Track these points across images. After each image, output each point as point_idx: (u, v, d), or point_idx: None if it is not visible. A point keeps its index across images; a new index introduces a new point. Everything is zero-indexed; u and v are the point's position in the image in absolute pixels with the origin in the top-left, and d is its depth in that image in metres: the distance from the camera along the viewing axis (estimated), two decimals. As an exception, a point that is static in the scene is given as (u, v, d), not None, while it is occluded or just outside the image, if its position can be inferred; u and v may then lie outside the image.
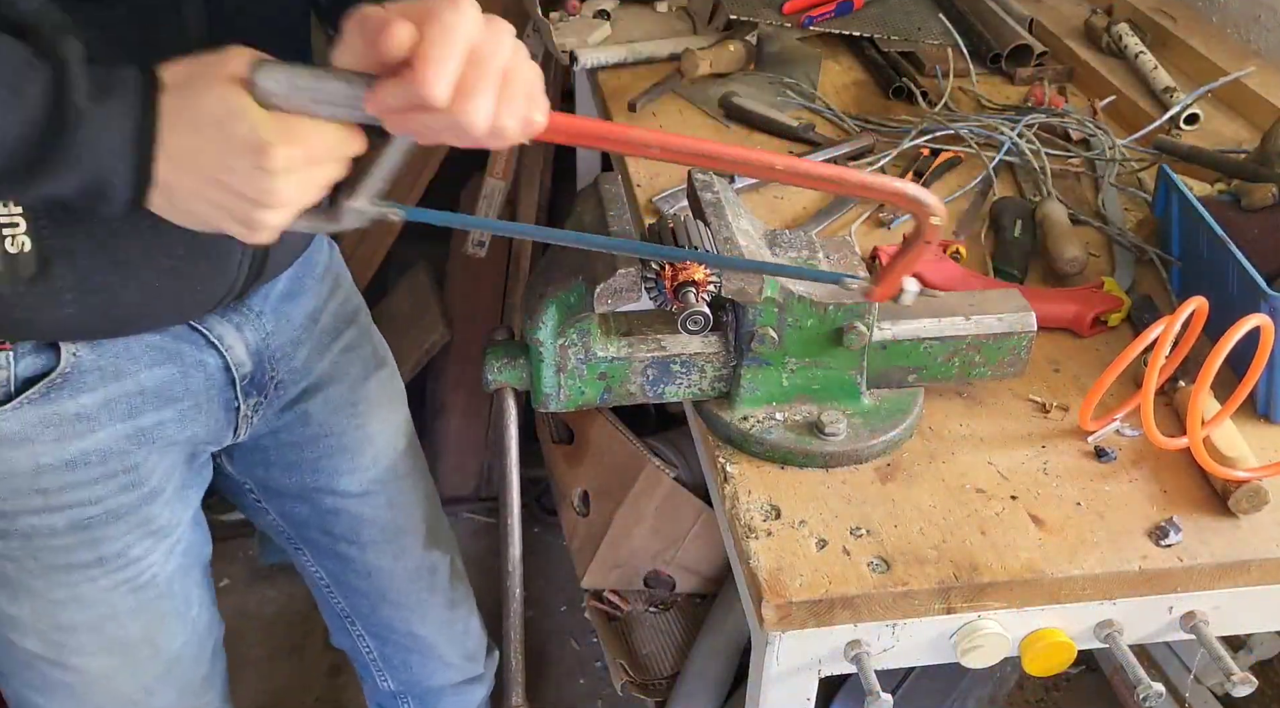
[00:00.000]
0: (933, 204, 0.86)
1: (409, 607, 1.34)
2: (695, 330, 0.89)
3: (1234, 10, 1.74)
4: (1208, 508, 0.95)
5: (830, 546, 0.90)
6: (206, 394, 1.04)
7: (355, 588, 1.32)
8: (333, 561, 1.30)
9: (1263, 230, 1.13)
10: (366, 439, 1.22)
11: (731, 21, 1.73)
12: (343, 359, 1.19)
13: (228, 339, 1.03)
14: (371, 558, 1.28)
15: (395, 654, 1.39)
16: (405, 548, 1.30)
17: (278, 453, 1.20)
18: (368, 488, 1.24)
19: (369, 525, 1.26)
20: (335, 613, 1.38)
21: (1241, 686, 0.90)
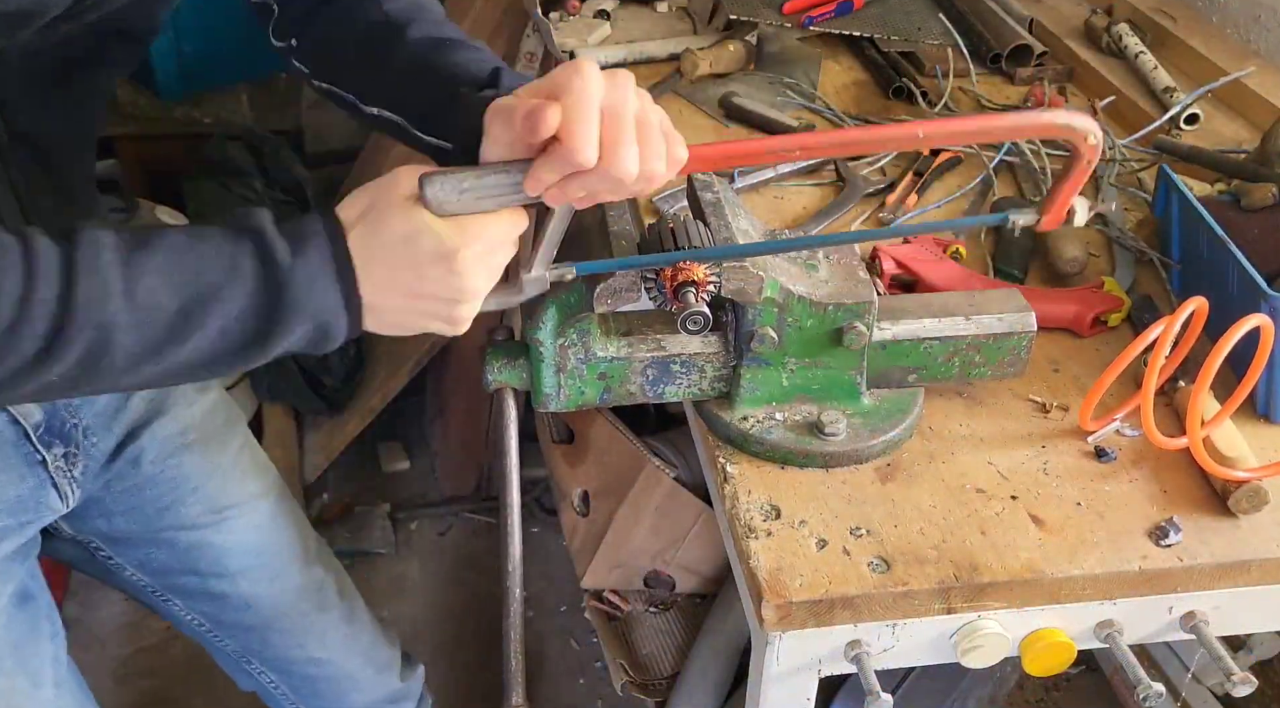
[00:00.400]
0: (1083, 125, 0.87)
1: (301, 630, 1.29)
2: (695, 330, 0.89)
3: (1234, 10, 1.74)
4: (1208, 508, 0.95)
5: (830, 546, 0.90)
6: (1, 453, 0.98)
7: (240, 624, 1.26)
8: (207, 602, 1.24)
9: (1263, 230, 1.13)
10: (209, 467, 1.17)
11: (731, 21, 1.73)
12: (160, 392, 1.12)
13: None
14: (246, 588, 1.23)
15: (303, 684, 1.34)
16: (280, 569, 1.25)
17: (115, 501, 1.14)
18: (221, 514, 1.19)
19: (234, 553, 1.21)
20: (229, 657, 1.32)
21: (1241, 686, 0.90)
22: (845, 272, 0.99)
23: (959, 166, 1.45)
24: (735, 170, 1.39)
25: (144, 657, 2.08)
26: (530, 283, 0.86)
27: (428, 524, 2.40)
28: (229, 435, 1.22)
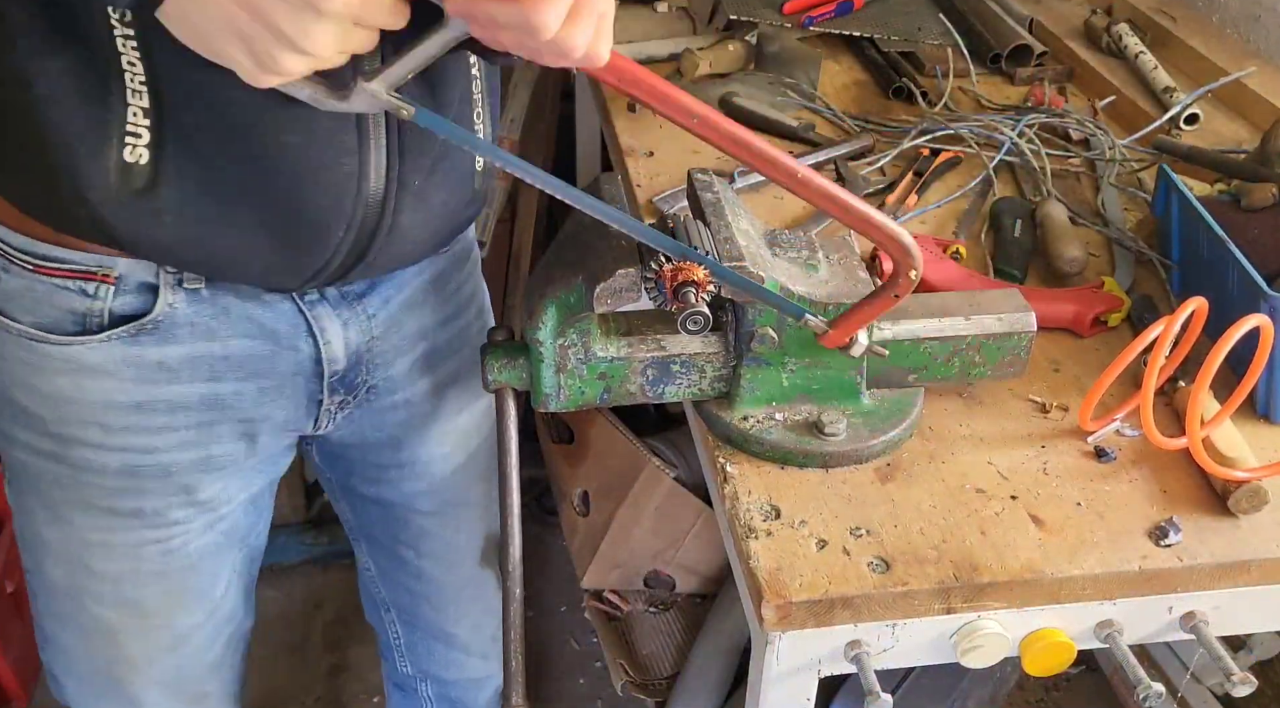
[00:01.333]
0: (917, 259, 0.87)
1: (448, 611, 1.35)
2: (695, 330, 0.89)
3: (1234, 10, 1.74)
4: (1208, 508, 0.95)
5: (830, 546, 0.90)
6: (292, 380, 1.02)
7: (401, 585, 1.33)
8: (387, 559, 1.31)
9: (1263, 230, 1.13)
10: (450, 469, 1.22)
11: (731, 21, 1.73)
12: (443, 389, 1.16)
13: (329, 333, 1.01)
14: (427, 565, 1.29)
15: (420, 643, 1.40)
16: (458, 562, 1.31)
17: (362, 466, 1.20)
18: (440, 509, 1.24)
19: (433, 539, 1.27)
20: (373, 598, 1.39)
21: (1241, 686, 0.90)
22: (845, 272, 0.99)
23: (959, 166, 1.45)
24: (736, 170, 1.39)
25: (144, 657, 2.08)
26: (361, 94, 0.75)
27: (428, 524, 2.39)
28: (478, 443, 1.25)
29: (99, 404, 0.95)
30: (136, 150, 0.81)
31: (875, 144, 1.49)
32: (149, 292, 0.92)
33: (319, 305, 0.99)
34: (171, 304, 0.92)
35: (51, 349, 0.92)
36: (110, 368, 0.93)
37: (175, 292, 0.92)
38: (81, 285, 0.90)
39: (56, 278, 0.90)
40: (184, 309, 0.93)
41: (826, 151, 1.46)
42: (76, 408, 0.95)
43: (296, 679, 2.06)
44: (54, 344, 0.92)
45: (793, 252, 1.00)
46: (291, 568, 2.26)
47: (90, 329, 0.92)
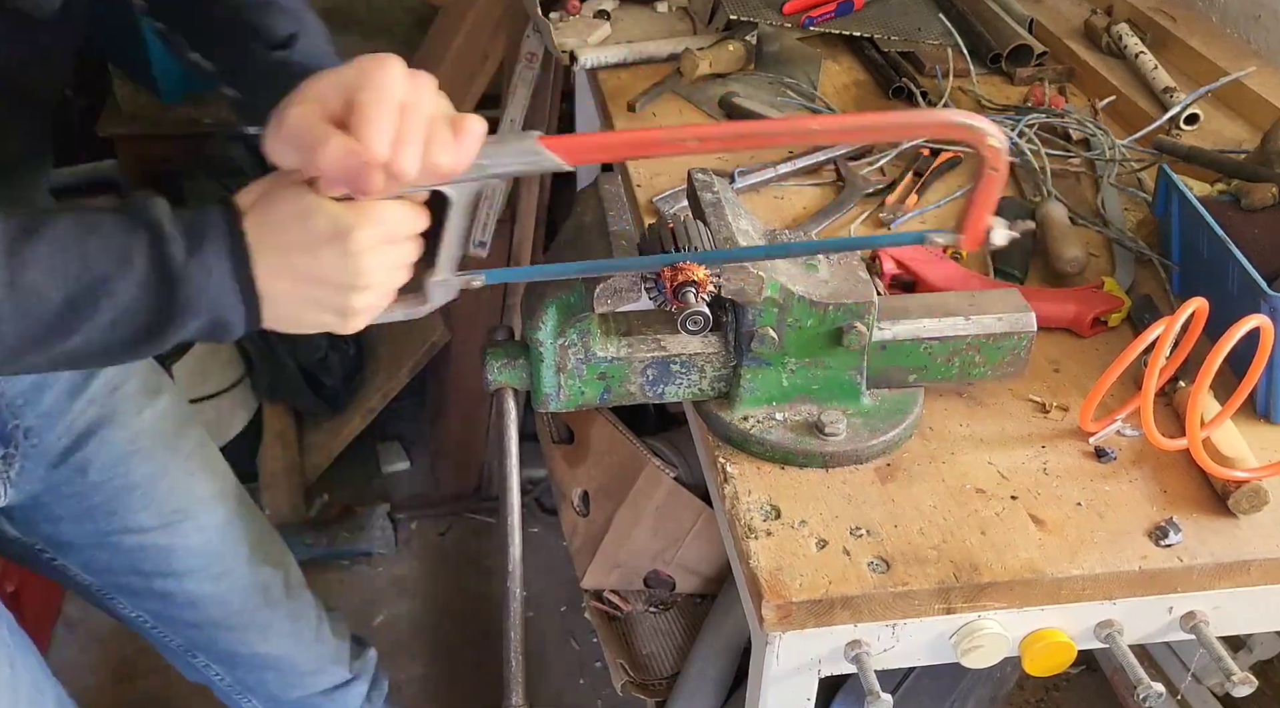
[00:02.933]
0: (984, 126, 0.84)
1: (246, 627, 1.29)
2: (695, 330, 0.89)
3: (1234, 10, 1.74)
4: (1208, 508, 0.95)
5: (830, 546, 0.90)
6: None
7: (184, 620, 1.27)
8: (152, 600, 1.24)
9: (1263, 230, 1.13)
10: (157, 473, 1.17)
11: (731, 21, 1.73)
12: (109, 399, 1.12)
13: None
14: (192, 587, 1.23)
15: (248, 677, 1.35)
16: (227, 569, 1.25)
17: (63, 507, 1.13)
18: (168, 519, 1.19)
19: (180, 554, 1.21)
20: (174, 651, 1.33)
21: (1241, 686, 0.90)
22: (845, 271, 0.99)
23: (959, 166, 1.45)
24: (736, 170, 1.39)
25: (144, 657, 2.08)
26: (436, 287, 0.84)
27: (427, 524, 2.40)
28: (180, 441, 1.20)
29: None
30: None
31: (875, 144, 1.49)
32: None
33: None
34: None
35: None
36: None
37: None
38: None
39: None
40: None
41: (826, 151, 1.46)
42: None
43: (296, 679, 2.06)
44: None
45: (792, 252, 1.00)
46: (291, 568, 2.26)
47: None
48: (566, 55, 1.68)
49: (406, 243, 0.79)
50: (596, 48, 1.69)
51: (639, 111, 1.57)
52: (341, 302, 0.77)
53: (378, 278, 0.77)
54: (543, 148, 0.79)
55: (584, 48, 1.69)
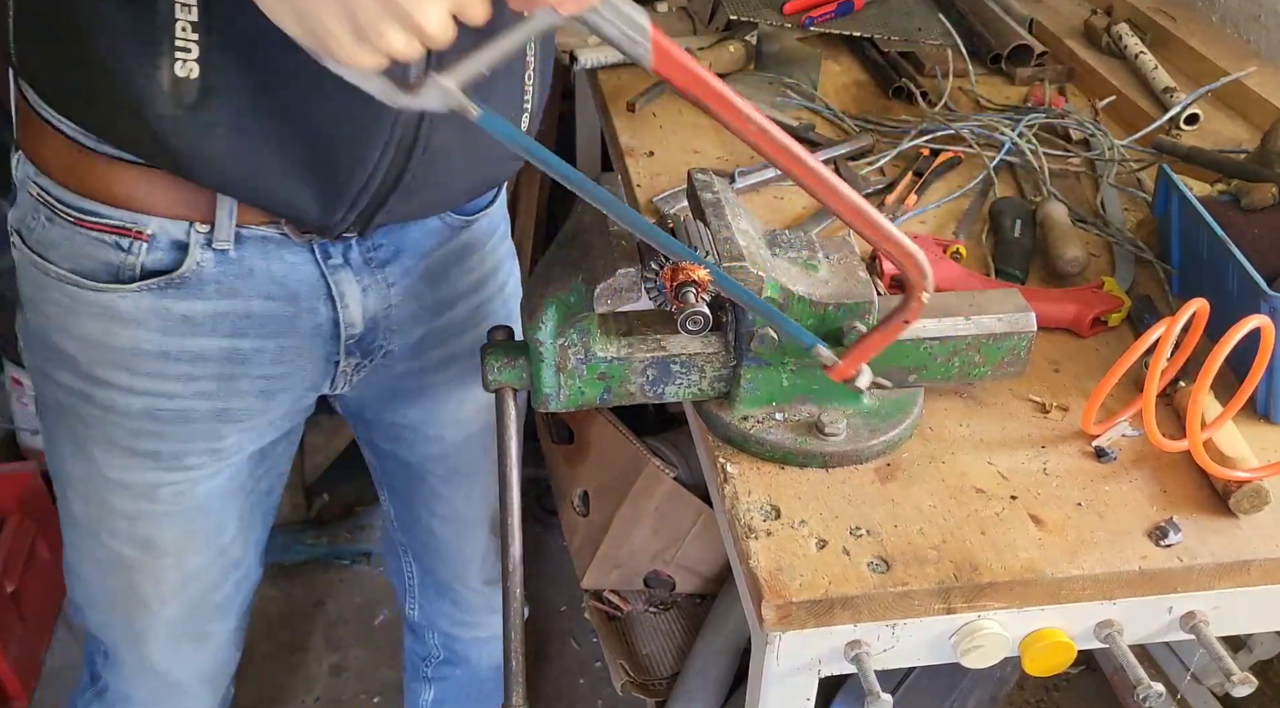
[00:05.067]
0: (929, 282, 0.88)
1: (456, 570, 1.41)
2: (695, 330, 0.89)
3: (1234, 10, 1.74)
4: (1208, 508, 0.95)
5: (830, 546, 0.90)
6: (310, 341, 1.05)
7: (417, 536, 1.40)
8: (405, 510, 1.38)
9: (1263, 230, 1.13)
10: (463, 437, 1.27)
11: (731, 22, 1.73)
12: (460, 359, 1.19)
13: (348, 298, 1.04)
14: (437, 525, 1.35)
15: (431, 589, 1.47)
16: (466, 529, 1.36)
17: (379, 425, 1.27)
18: (451, 476, 1.31)
19: (444, 503, 1.33)
20: (392, 540, 1.47)
21: (1241, 686, 0.90)
22: (845, 272, 0.99)
23: (959, 166, 1.45)
24: (736, 170, 1.39)
25: (144, 657, 2.08)
26: (433, 88, 0.72)
27: (428, 524, 2.40)
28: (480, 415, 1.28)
29: (126, 350, 0.99)
30: (187, 65, 0.84)
31: (875, 144, 1.49)
32: (179, 250, 0.96)
33: (341, 270, 1.02)
34: (199, 263, 0.96)
35: (86, 294, 0.97)
36: (139, 317, 0.98)
37: (204, 251, 0.96)
38: (117, 240, 0.95)
39: (95, 231, 0.95)
40: (211, 268, 0.97)
41: (826, 151, 1.46)
42: (106, 352, 0.99)
43: (296, 679, 2.07)
44: (88, 290, 0.97)
45: (793, 252, 1.00)
46: (292, 568, 2.26)
47: (123, 279, 0.96)
48: (566, 55, 1.68)
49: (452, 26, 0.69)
50: (596, 48, 1.69)
51: (638, 111, 1.57)
52: (376, 22, 0.66)
53: (428, 23, 0.66)
54: (649, 37, 0.74)
55: (584, 48, 1.69)
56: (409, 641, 1.59)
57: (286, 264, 1.00)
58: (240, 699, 1.45)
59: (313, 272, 1.01)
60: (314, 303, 1.03)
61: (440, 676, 1.57)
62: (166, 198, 0.93)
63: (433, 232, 1.08)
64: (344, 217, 0.95)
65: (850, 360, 0.95)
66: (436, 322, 1.14)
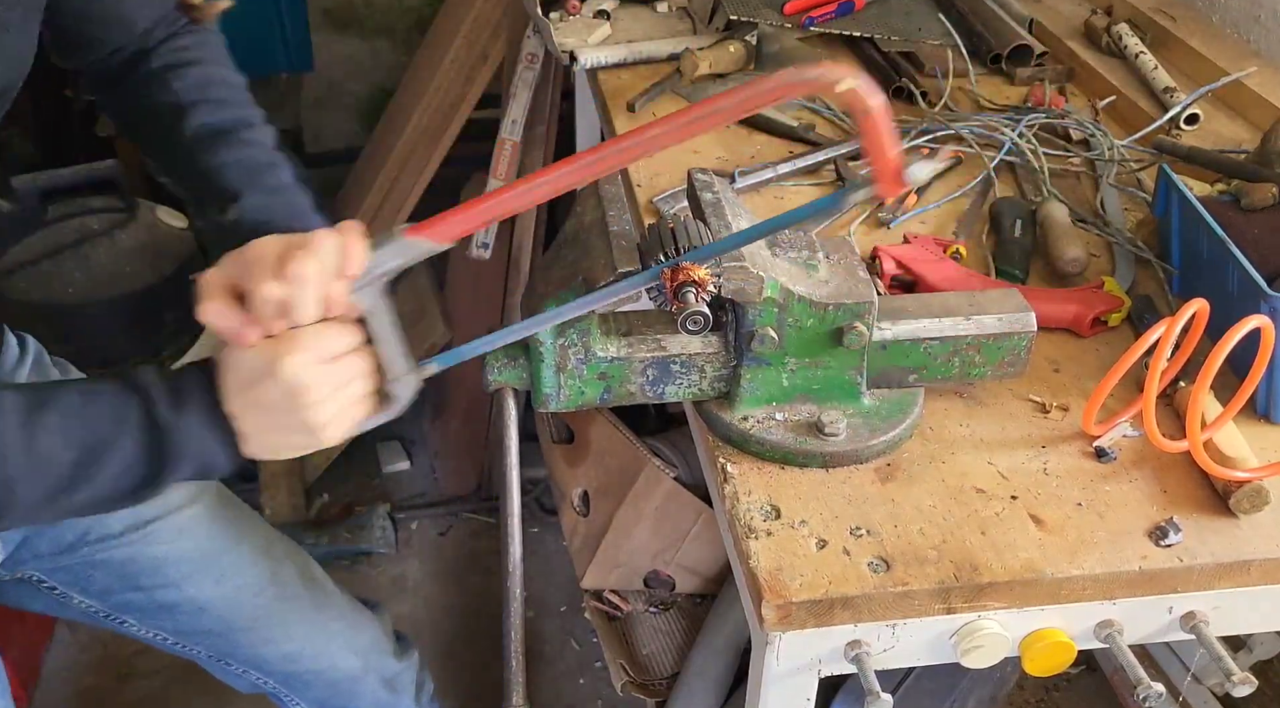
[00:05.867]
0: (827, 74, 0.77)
1: (265, 626, 1.29)
2: (695, 330, 0.89)
3: (1234, 10, 1.74)
4: (1208, 508, 0.95)
5: (830, 546, 0.90)
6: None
7: (199, 629, 1.27)
8: (159, 614, 1.25)
9: (1263, 230, 1.13)
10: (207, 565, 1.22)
11: (731, 22, 1.73)
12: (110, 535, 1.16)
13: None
14: (193, 592, 1.23)
15: (290, 679, 1.35)
16: (226, 569, 1.25)
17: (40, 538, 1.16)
18: (147, 527, 1.19)
19: (170, 561, 1.21)
20: (209, 663, 1.33)
21: (1241, 686, 0.90)
22: (845, 271, 0.99)
23: (959, 167, 1.45)
24: (736, 170, 1.39)
25: (144, 657, 2.08)
26: (397, 386, 0.88)
27: (428, 524, 2.40)
28: None
29: None
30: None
31: (875, 144, 1.48)
32: None
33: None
34: None
35: None
36: None
37: None
38: None
39: None
40: None
41: (826, 151, 1.46)
42: None
43: (296, 679, 2.06)
44: None
45: (792, 252, 1.00)
46: (291, 568, 2.26)
47: None
48: (566, 55, 1.68)
49: (347, 358, 0.85)
50: (596, 48, 1.69)
51: (638, 111, 1.57)
52: (300, 422, 0.83)
53: (323, 394, 0.83)
54: (415, 238, 0.85)
55: (584, 48, 1.69)
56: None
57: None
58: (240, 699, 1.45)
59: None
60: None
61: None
62: None
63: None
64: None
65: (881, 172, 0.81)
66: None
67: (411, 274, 2.45)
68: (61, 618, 1.24)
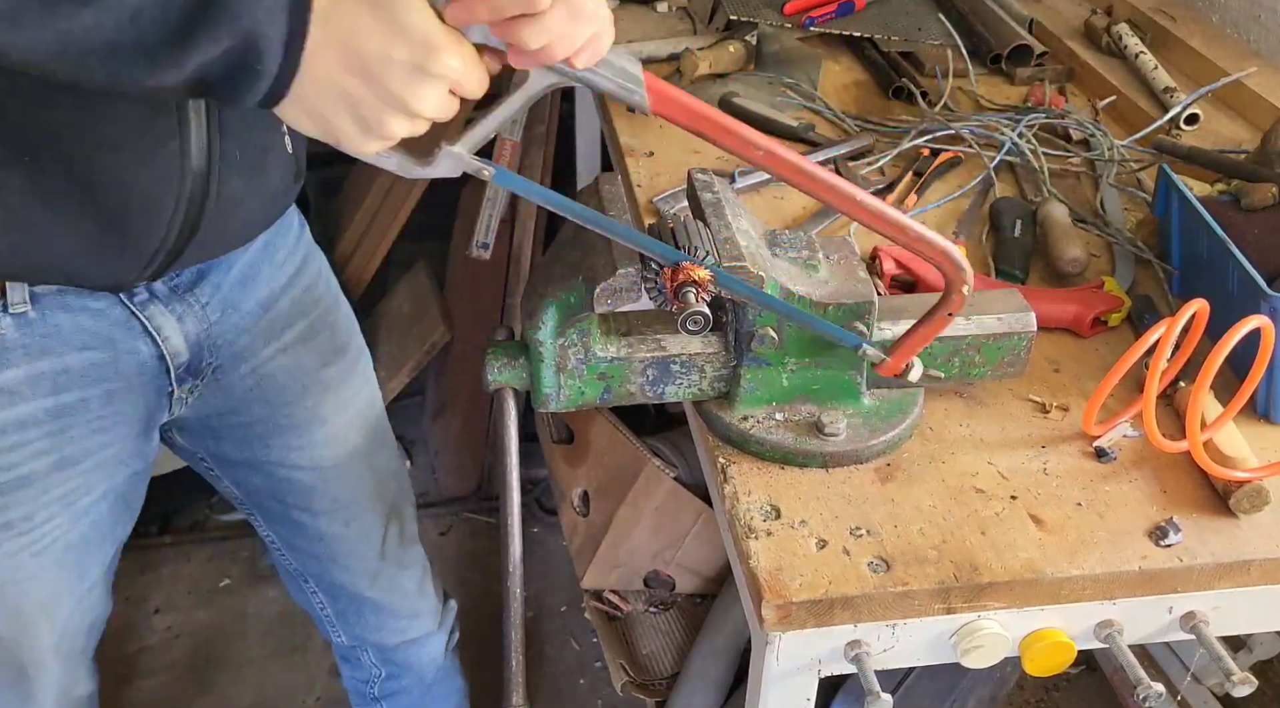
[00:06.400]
0: (968, 274, 0.88)
1: (359, 571, 1.36)
2: (695, 330, 0.89)
3: (1234, 10, 1.74)
4: (1208, 508, 0.95)
5: (830, 546, 0.90)
6: (138, 378, 1.03)
7: (306, 551, 1.35)
8: (285, 526, 1.33)
9: (1263, 230, 1.13)
10: (318, 420, 1.23)
11: (731, 22, 1.73)
12: (296, 348, 1.18)
13: (165, 330, 1.03)
14: (323, 525, 1.31)
15: (349, 610, 1.43)
16: (355, 516, 1.32)
17: (227, 431, 1.21)
18: (319, 463, 1.25)
19: (319, 495, 1.28)
20: (288, 572, 1.42)
21: (1241, 686, 0.90)
22: (845, 272, 0.99)
23: (959, 167, 1.45)
24: (736, 170, 1.39)
25: (144, 657, 2.08)
26: (446, 158, 0.78)
27: (428, 524, 2.40)
28: (351, 399, 1.27)
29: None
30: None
31: (875, 144, 1.49)
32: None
33: (150, 305, 1.01)
34: (0, 331, 0.93)
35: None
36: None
37: (1, 318, 0.93)
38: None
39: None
40: (13, 334, 0.94)
41: (826, 151, 1.46)
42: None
43: (296, 679, 2.06)
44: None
45: (793, 252, 1.00)
46: (291, 568, 2.26)
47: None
48: (566, 55, 1.68)
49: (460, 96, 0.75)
50: (596, 48, 1.69)
51: (638, 112, 1.56)
52: (377, 116, 0.72)
53: (430, 107, 0.72)
54: (642, 84, 0.79)
55: (584, 48, 1.68)
56: (346, 670, 1.56)
57: (92, 311, 0.98)
58: (240, 699, 1.45)
59: (121, 314, 0.99)
60: (131, 343, 1.01)
61: (389, 692, 1.54)
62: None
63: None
64: (139, 275, 0.95)
65: (899, 356, 0.96)
66: (261, 322, 1.13)
67: (411, 273, 2.45)
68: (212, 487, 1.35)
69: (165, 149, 0.89)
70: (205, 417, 1.18)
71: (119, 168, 0.87)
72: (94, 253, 0.91)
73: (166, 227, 0.93)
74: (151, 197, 0.90)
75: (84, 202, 0.88)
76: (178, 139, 0.89)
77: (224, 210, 0.95)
